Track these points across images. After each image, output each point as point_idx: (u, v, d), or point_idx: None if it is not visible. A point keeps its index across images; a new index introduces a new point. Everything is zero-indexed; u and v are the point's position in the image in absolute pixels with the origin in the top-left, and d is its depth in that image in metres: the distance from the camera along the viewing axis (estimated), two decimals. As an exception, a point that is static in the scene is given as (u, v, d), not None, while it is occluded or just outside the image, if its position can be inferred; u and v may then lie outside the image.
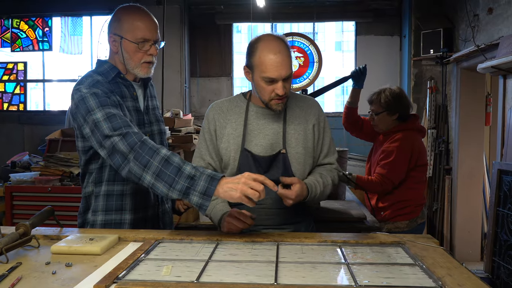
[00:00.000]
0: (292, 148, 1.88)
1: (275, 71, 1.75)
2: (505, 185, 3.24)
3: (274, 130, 1.89)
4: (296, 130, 1.91)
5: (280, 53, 1.75)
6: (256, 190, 1.49)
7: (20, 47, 7.03)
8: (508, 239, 3.14)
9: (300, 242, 1.62)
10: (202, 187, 1.51)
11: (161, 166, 1.55)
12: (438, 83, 5.56)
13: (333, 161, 2.00)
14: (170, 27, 6.01)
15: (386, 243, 1.60)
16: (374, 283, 1.22)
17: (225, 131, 1.91)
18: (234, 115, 1.94)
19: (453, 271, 1.30)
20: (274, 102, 1.82)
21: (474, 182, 5.24)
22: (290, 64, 1.79)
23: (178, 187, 1.53)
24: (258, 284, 1.20)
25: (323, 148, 1.98)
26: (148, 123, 1.96)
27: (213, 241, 1.62)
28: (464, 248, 5.26)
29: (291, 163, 1.87)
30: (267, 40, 1.80)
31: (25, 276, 1.30)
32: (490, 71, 3.90)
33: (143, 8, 1.88)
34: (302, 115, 1.95)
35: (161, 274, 1.29)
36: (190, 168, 1.55)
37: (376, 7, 6.44)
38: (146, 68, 1.87)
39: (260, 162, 1.87)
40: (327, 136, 2.00)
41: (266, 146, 1.88)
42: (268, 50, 1.76)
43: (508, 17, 3.90)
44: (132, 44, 1.81)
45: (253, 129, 1.90)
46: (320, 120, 1.97)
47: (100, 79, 1.81)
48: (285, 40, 1.83)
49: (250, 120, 1.91)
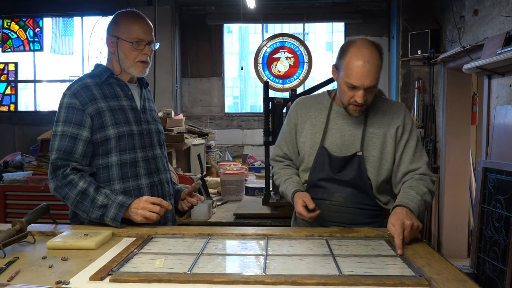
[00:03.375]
0: (368, 152, 1.87)
1: (358, 79, 1.74)
2: (490, 183, 3.33)
3: (352, 131, 1.90)
4: (375, 133, 1.88)
5: (368, 63, 1.73)
6: (153, 212, 1.76)
7: (11, 47, 7.03)
8: (492, 235, 3.22)
9: (288, 236, 1.68)
10: (113, 214, 1.78)
11: (78, 198, 1.81)
12: (425, 83, 5.65)
13: (421, 165, 1.89)
14: (161, 28, 6.05)
15: (370, 237, 1.67)
16: (357, 273, 1.28)
17: (305, 126, 1.97)
18: (316, 111, 1.98)
19: (432, 261, 1.37)
20: (352, 107, 1.83)
21: (461, 180, 5.34)
22: (376, 75, 1.76)
23: (93, 216, 1.80)
24: (247, 275, 1.26)
25: (409, 151, 1.89)
26: (145, 122, 2.02)
27: (205, 236, 1.67)
28: (452, 245, 5.35)
29: (367, 167, 1.87)
30: (360, 46, 1.77)
31: (22, 269, 1.34)
32: (475, 72, 3.99)
33: (139, 12, 2.00)
34: (385, 119, 1.91)
35: (154, 266, 1.34)
36: (103, 198, 1.79)
37: (365, 9, 6.54)
38: (140, 67, 1.95)
39: (335, 161, 1.88)
40: (412, 140, 1.91)
41: (341, 146, 1.89)
42: (357, 57, 1.74)
43: (493, 18, 3.99)
44: (127, 43, 1.91)
45: (332, 128, 1.93)
46: (406, 123, 1.92)
47: (90, 83, 1.92)
48: (380, 48, 1.81)
49: (331, 118, 1.94)
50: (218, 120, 6.94)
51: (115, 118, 1.89)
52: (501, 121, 3.61)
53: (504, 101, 3.72)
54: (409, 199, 1.72)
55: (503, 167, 3.18)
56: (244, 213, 2.82)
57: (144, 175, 1.95)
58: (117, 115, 1.90)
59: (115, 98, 1.94)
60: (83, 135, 1.85)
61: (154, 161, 2.00)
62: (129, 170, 1.91)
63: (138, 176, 1.93)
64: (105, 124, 1.87)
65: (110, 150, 1.88)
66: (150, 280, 1.22)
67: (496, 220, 3.18)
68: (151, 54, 1.98)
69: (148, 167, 1.97)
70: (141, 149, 1.95)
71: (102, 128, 1.87)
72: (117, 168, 1.89)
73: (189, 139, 4.05)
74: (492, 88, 3.99)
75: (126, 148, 1.90)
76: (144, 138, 1.98)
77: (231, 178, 3.40)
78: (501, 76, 3.77)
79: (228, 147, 6.89)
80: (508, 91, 3.66)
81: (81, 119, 1.85)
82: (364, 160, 1.87)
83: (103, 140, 1.87)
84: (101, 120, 1.87)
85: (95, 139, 1.87)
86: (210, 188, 3.64)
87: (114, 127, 1.88)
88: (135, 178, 1.92)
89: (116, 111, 1.91)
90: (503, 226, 3.08)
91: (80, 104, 1.86)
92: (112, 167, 1.89)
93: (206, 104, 6.95)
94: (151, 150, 2.00)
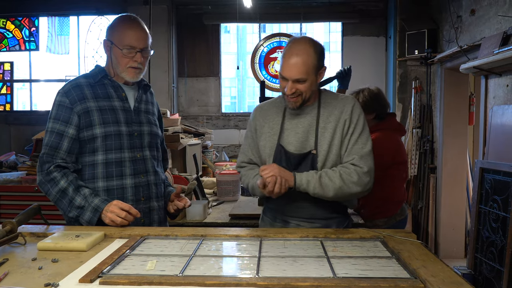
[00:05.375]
0: (321, 147, 1.92)
1: (286, 71, 1.86)
2: (487, 183, 3.32)
3: (305, 129, 1.95)
4: (326, 128, 1.93)
5: (297, 56, 1.84)
6: (120, 217, 1.81)
7: (6, 47, 6.99)
8: (489, 236, 3.21)
9: (283, 238, 1.66)
10: (88, 217, 1.85)
11: (58, 195, 1.87)
12: (422, 83, 5.64)
13: (354, 157, 1.88)
14: (158, 27, 6.02)
15: (366, 238, 1.65)
16: (352, 275, 1.27)
17: (264, 130, 2.04)
18: (272, 115, 2.05)
19: (428, 263, 1.35)
20: (286, 98, 1.93)
21: (458, 181, 5.33)
22: (304, 69, 1.84)
23: (70, 215, 1.87)
24: (240, 277, 1.24)
25: (349, 144, 1.91)
26: (138, 123, 2.03)
27: (198, 237, 1.65)
28: (449, 246, 5.34)
29: (319, 162, 1.90)
30: (296, 42, 1.89)
31: (11, 271, 1.32)
32: (472, 71, 3.98)
33: (136, 18, 2.02)
34: (335, 113, 1.95)
35: (146, 268, 1.32)
36: (81, 200, 1.85)
37: (362, 8, 6.52)
38: (132, 73, 1.99)
39: (291, 159, 1.94)
40: (356, 132, 1.92)
41: (297, 144, 1.94)
42: (289, 51, 1.87)
43: (490, 18, 3.98)
44: (119, 50, 1.95)
45: (287, 128, 1.99)
46: (352, 116, 1.93)
47: (82, 82, 1.98)
48: (318, 47, 1.89)
49: (286, 119, 2.01)
50: (215, 120, 6.91)
51: (104, 118, 1.93)
52: (498, 121, 3.60)
53: (501, 101, 3.71)
54: (306, 175, 1.85)
55: (500, 167, 3.17)
56: (239, 214, 2.80)
57: (129, 175, 1.96)
58: (106, 115, 1.94)
59: (106, 99, 1.98)
60: (69, 132, 1.91)
61: (142, 162, 2.01)
62: (114, 169, 1.94)
63: (123, 176, 1.95)
64: (93, 123, 1.92)
65: (97, 149, 1.93)
66: (141, 283, 1.20)
67: (493, 221, 3.17)
68: (143, 61, 1.99)
69: (135, 167, 1.98)
70: (129, 149, 1.97)
71: (90, 127, 1.92)
72: (102, 166, 1.93)
73: (184, 139, 4.03)
74: (489, 88, 3.98)
75: (112, 147, 1.94)
76: (134, 139, 2.00)
77: (227, 179, 3.38)
78: (498, 76, 3.76)
79: (225, 147, 6.86)
80: (505, 91, 3.65)
81: (69, 117, 1.92)
82: (317, 157, 1.91)
83: (90, 139, 1.92)
84: (89, 119, 1.92)
85: (82, 137, 1.92)
86: (206, 188, 3.62)
87: (101, 126, 1.92)
88: (119, 178, 1.95)
89: (106, 111, 1.95)
90: (500, 226, 3.07)
91: (69, 102, 1.92)
92: (97, 165, 1.93)
93: (202, 104, 6.92)
94: (140, 151, 2.01)
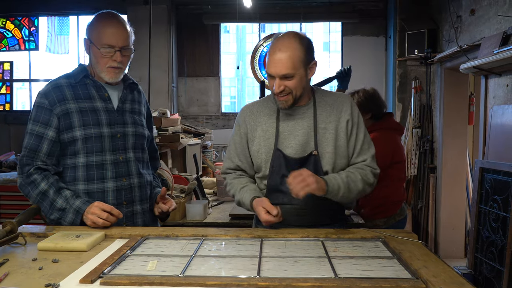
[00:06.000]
0: (323, 148, 1.85)
1: (272, 67, 1.77)
2: (487, 183, 3.32)
3: (304, 131, 1.87)
4: (327, 129, 1.86)
5: (281, 51, 1.75)
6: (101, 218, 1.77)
7: (6, 46, 6.98)
8: (489, 235, 3.21)
9: (284, 238, 1.65)
10: (70, 218, 1.83)
11: (39, 198, 1.85)
12: (422, 83, 5.64)
13: (366, 158, 1.91)
14: (158, 27, 6.02)
15: (367, 238, 1.65)
16: (353, 275, 1.26)
17: (256, 133, 1.92)
18: (265, 117, 1.94)
19: (429, 263, 1.35)
20: (277, 98, 1.84)
21: (458, 181, 5.33)
22: (291, 64, 1.75)
23: (52, 217, 1.85)
24: (241, 278, 1.24)
25: (357, 144, 1.90)
26: (121, 124, 1.96)
27: (199, 238, 1.65)
28: (449, 245, 5.34)
29: (322, 164, 1.84)
30: (280, 37, 1.80)
31: (12, 272, 1.32)
32: (472, 71, 3.98)
33: (115, 15, 1.94)
34: (334, 112, 1.89)
35: (146, 269, 1.32)
36: (62, 201, 1.83)
37: (362, 8, 6.52)
38: (111, 73, 1.92)
39: (291, 163, 1.85)
40: (361, 132, 1.91)
41: (297, 148, 1.86)
42: (274, 47, 1.77)
43: (490, 18, 3.98)
44: (97, 49, 1.88)
45: (283, 131, 1.89)
46: (353, 115, 1.91)
47: (63, 83, 1.92)
48: (305, 40, 1.80)
49: (280, 121, 1.91)
50: (214, 119, 6.91)
51: (84, 120, 1.88)
52: (498, 121, 3.60)
53: (501, 101, 3.71)
54: (334, 177, 1.78)
55: (500, 167, 3.17)
56: (239, 214, 2.79)
57: (111, 178, 1.91)
58: (86, 117, 1.89)
59: (88, 99, 1.92)
60: (49, 135, 1.87)
61: (125, 165, 1.95)
62: (95, 172, 1.89)
63: (104, 179, 1.90)
64: (73, 125, 1.87)
65: (78, 151, 1.88)
66: (142, 283, 1.20)
67: (493, 220, 3.17)
68: (123, 61, 1.92)
69: (117, 170, 1.92)
70: (111, 151, 1.92)
71: (70, 129, 1.87)
72: (83, 169, 1.89)
73: (184, 139, 4.02)
74: (489, 88, 3.98)
75: (93, 150, 1.88)
76: (117, 140, 1.93)
77: (227, 178, 3.37)
78: (498, 76, 3.76)
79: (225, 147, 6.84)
80: (505, 91, 3.65)
81: (48, 119, 1.87)
82: (319, 158, 1.84)
83: (70, 141, 1.87)
84: (69, 121, 1.87)
85: (63, 139, 1.88)
86: (206, 188, 3.62)
87: (81, 128, 1.87)
88: (100, 181, 1.90)
89: (87, 112, 1.89)
90: (500, 226, 3.07)
91: (48, 104, 1.88)
92: (78, 168, 1.89)
93: (202, 104, 6.92)
94: (123, 153, 1.95)
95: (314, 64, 1.84)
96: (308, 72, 1.83)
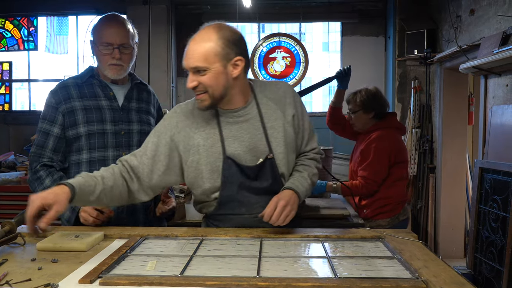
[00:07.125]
0: (275, 149, 1.71)
1: (185, 59, 1.63)
2: (487, 183, 3.32)
3: (251, 134, 1.70)
4: (275, 127, 1.72)
5: (194, 42, 1.60)
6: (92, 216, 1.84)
7: (5, 46, 6.97)
8: (489, 235, 3.21)
9: (283, 238, 1.65)
10: (67, 216, 1.93)
11: None
12: (422, 83, 5.64)
13: (315, 146, 1.86)
14: (157, 27, 6.01)
15: (367, 238, 1.65)
16: (353, 275, 1.26)
17: (195, 142, 1.71)
18: (203, 123, 1.73)
19: (430, 263, 1.34)
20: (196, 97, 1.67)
21: (458, 181, 5.33)
22: (202, 55, 1.58)
23: None
24: (241, 277, 1.23)
25: (304, 135, 1.82)
26: (126, 121, 2.05)
27: (198, 237, 1.65)
28: (448, 245, 5.34)
29: (280, 166, 1.72)
30: (202, 28, 1.65)
31: (11, 272, 1.31)
32: (472, 71, 3.98)
33: (115, 16, 2.05)
34: (278, 108, 1.75)
35: (146, 269, 1.31)
36: None
37: (361, 8, 6.52)
38: (113, 70, 2.01)
39: (247, 171, 1.69)
40: (306, 121, 1.82)
41: (246, 153, 1.70)
42: (192, 37, 1.64)
43: (489, 18, 3.98)
44: (97, 47, 2.00)
45: (228, 136, 1.70)
46: (297, 106, 1.78)
47: (69, 83, 2.04)
48: (222, 29, 1.61)
49: (222, 126, 1.71)
50: (214, 120, 6.91)
51: (88, 117, 1.98)
52: (498, 121, 3.60)
53: (501, 101, 3.70)
54: (301, 183, 1.72)
55: (500, 167, 3.17)
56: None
57: None
58: (90, 114, 1.99)
59: (93, 98, 2.02)
60: (54, 131, 1.99)
61: None
62: (97, 168, 1.85)
63: None
64: (77, 122, 1.97)
65: (82, 148, 1.98)
66: (141, 283, 1.20)
67: (492, 221, 3.17)
68: (124, 58, 2.00)
69: None
70: (114, 148, 2.00)
71: (74, 126, 1.97)
72: (86, 165, 1.97)
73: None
74: (488, 88, 3.98)
75: (96, 146, 1.98)
76: (120, 137, 2.02)
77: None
78: (497, 76, 3.76)
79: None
80: (505, 91, 3.65)
81: (54, 116, 1.99)
82: (275, 161, 1.71)
83: (75, 137, 1.98)
84: (73, 118, 1.98)
85: (68, 136, 1.99)
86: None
87: (85, 125, 1.97)
88: None
89: (91, 109, 2.00)
90: (500, 226, 3.07)
91: (55, 102, 2.00)
92: (82, 164, 1.98)
93: (202, 104, 6.92)
94: (127, 150, 2.00)
95: (240, 60, 1.62)
96: (229, 68, 1.61)
